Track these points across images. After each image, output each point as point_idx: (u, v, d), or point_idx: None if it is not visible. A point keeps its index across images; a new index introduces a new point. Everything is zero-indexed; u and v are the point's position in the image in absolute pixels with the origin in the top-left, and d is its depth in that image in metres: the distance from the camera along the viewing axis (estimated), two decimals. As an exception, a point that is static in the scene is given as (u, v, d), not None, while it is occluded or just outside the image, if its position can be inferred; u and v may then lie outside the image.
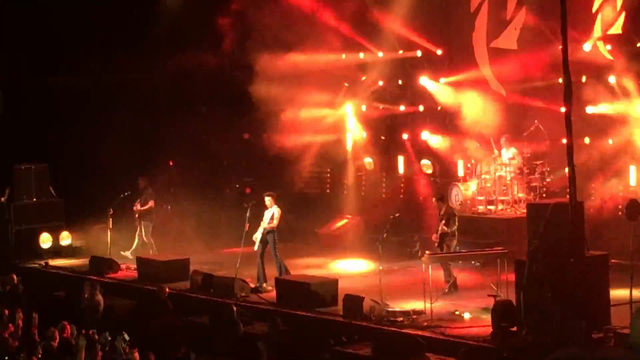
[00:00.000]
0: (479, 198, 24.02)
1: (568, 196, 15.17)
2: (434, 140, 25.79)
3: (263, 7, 25.59)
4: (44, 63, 27.55)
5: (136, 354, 13.42)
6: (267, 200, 20.97)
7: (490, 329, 15.87)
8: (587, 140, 22.10)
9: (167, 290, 19.65)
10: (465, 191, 23.97)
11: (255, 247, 20.72)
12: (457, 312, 17.45)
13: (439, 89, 25.52)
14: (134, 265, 23.35)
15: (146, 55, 27.63)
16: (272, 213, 20.74)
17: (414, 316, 17.24)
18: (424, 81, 25.71)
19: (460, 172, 24.91)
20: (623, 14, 21.79)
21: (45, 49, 27.37)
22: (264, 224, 20.71)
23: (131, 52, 27.22)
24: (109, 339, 14.12)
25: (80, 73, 28.05)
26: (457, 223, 19.82)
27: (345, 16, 25.91)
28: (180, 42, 27.25)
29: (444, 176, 25.61)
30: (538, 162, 23.46)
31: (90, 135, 27.25)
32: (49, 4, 27.04)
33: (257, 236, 20.67)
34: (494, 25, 24.50)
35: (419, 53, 26.13)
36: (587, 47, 22.05)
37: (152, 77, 28.31)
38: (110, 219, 24.67)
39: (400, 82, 26.93)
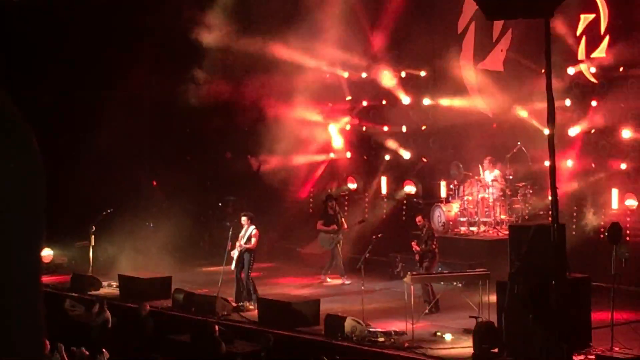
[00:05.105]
0: (461, 219, 24.02)
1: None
2: (417, 161, 25.80)
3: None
4: (30, 77, 27.40)
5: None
6: (244, 220, 20.97)
7: (471, 351, 15.88)
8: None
9: (148, 307, 19.59)
10: (447, 212, 23.98)
11: (232, 267, 20.69)
12: (438, 333, 17.43)
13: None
14: (116, 283, 23.23)
15: (133, 73, 27.55)
16: (249, 233, 20.74)
17: (395, 337, 17.23)
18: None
19: (443, 193, 24.89)
20: (607, 38, 21.88)
21: (32, 63, 27.24)
22: (241, 242, 20.70)
23: (118, 69, 27.13)
24: (87, 353, 14.07)
25: (66, 88, 27.91)
26: (433, 244, 19.90)
27: (330, 34, 25.87)
28: (165, 62, 27.22)
29: (427, 197, 25.60)
30: (521, 184, 23.49)
31: (73, 152, 27.13)
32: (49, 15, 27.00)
33: (235, 253, 20.66)
34: (480, 47, 24.58)
35: (403, 74, 26.14)
36: (571, 70, 22.17)
37: (137, 95, 28.21)
38: (92, 236, 24.57)
39: (384, 102, 26.89)
